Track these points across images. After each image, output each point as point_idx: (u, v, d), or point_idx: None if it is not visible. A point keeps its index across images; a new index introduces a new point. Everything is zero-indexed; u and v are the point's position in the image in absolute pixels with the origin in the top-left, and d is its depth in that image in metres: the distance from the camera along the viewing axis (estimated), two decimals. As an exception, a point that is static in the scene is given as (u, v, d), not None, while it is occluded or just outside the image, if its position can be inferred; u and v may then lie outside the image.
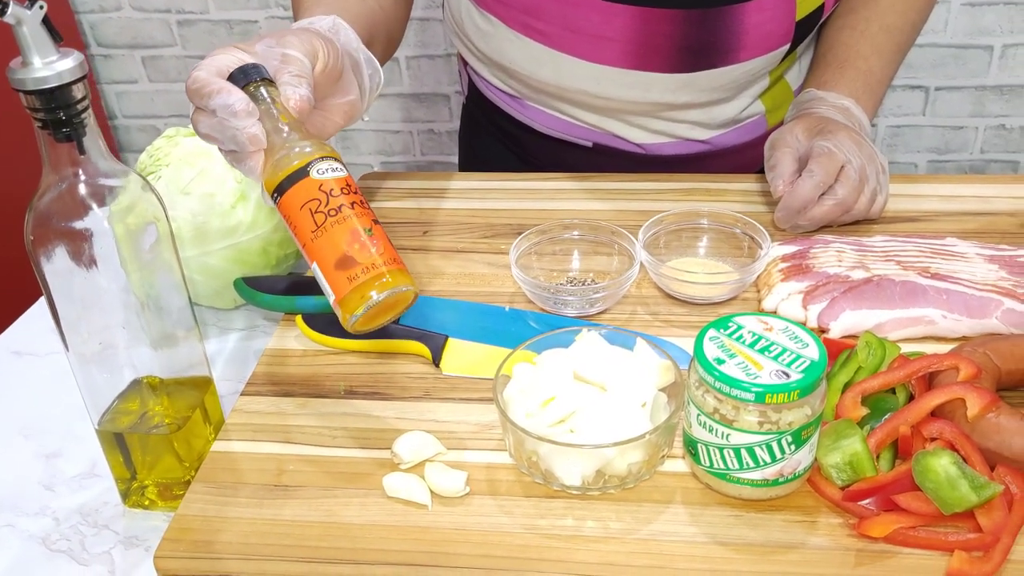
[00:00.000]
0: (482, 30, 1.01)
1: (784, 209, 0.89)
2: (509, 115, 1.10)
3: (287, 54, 0.67)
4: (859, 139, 0.91)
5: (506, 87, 1.07)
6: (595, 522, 0.62)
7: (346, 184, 0.63)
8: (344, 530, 0.63)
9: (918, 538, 0.59)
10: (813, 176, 0.87)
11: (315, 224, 0.61)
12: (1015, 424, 0.62)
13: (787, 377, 0.58)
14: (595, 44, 0.94)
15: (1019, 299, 0.76)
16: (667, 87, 0.96)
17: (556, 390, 0.64)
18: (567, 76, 0.97)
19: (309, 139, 0.64)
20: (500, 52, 1.01)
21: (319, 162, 0.62)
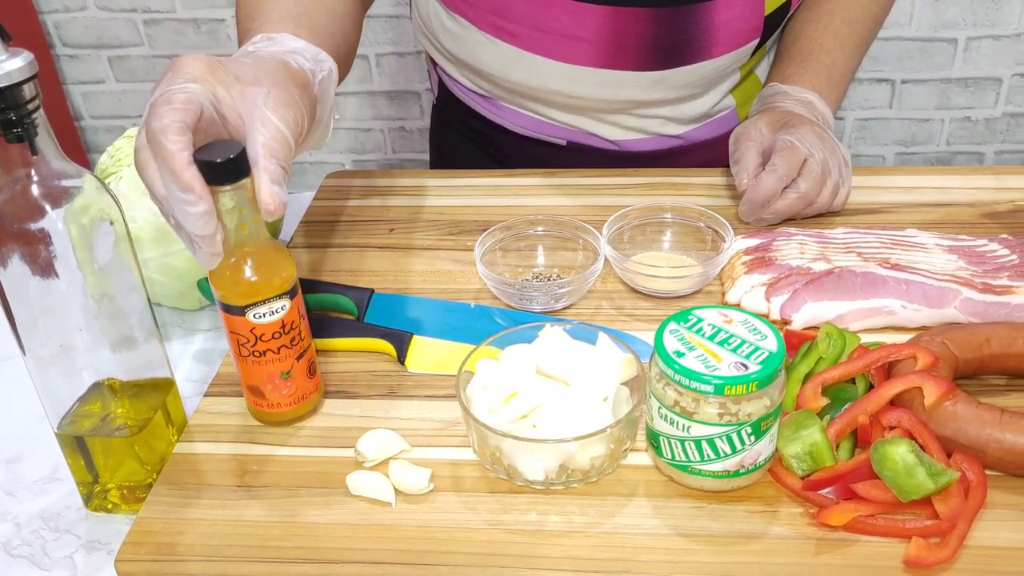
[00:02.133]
0: (451, 32, 1.00)
1: (748, 203, 0.89)
2: (481, 115, 1.09)
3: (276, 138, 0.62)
4: (822, 132, 0.91)
5: (477, 88, 1.07)
6: (559, 516, 0.62)
7: (281, 326, 0.66)
8: (307, 530, 0.62)
9: (876, 526, 0.59)
10: (776, 170, 0.87)
11: (239, 353, 0.68)
12: (971, 411, 0.63)
13: (746, 369, 0.58)
14: (567, 44, 0.94)
15: (977, 288, 0.77)
16: (639, 85, 0.97)
17: (518, 386, 0.64)
18: (539, 77, 0.97)
19: (263, 262, 0.65)
20: (470, 54, 1.00)
21: (259, 306, 0.65)
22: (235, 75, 0.64)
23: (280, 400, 0.70)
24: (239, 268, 0.65)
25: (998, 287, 0.77)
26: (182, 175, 0.58)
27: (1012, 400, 0.70)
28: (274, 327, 0.66)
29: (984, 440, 0.62)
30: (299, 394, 0.70)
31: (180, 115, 0.58)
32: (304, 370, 0.70)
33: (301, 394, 0.70)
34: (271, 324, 0.66)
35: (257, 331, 0.66)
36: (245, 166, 0.62)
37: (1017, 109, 2.00)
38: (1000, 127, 2.03)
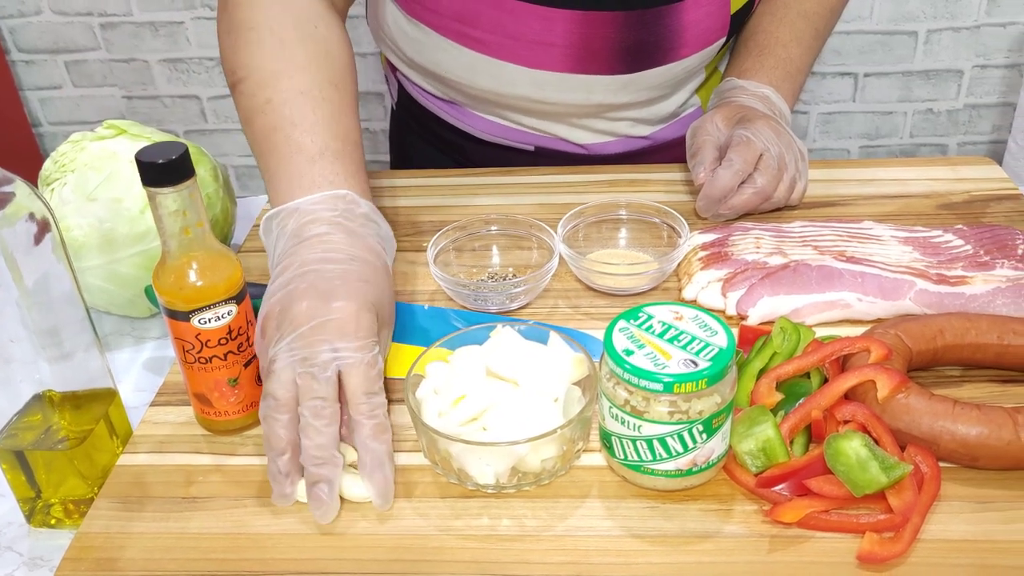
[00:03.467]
0: (412, 37, 0.97)
1: (705, 198, 0.89)
2: (445, 121, 1.07)
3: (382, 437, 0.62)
4: (777, 127, 0.91)
5: (441, 93, 1.04)
6: (511, 520, 0.61)
7: (227, 332, 0.65)
8: (253, 540, 0.61)
9: (830, 521, 0.59)
10: (732, 165, 0.87)
11: (184, 360, 0.66)
12: (924, 403, 0.62)
13: (695, 366, 0.58)
14: (535, 50, 0.92)
15: (931, 279, 0.77)
16: (609, 88, 0.96)
17: (467, 388, 0.63)
18: (507, 83, 0.96)
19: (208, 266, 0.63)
20: (433, 60, 0.98)
21: (205, 311, 0.64)
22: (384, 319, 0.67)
23: (228, 408, 0.68)
24: (183, 272, 0.63)
25: (952, 278, 0.77)
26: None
27: (966, 391, 0.70)
28: (220, 333, 0.65)
29: (937, 432, 0.61)
30: (248, 401, 0.69)
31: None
32: (252, 377, 0.68)
33: (250, 401, 0.69)
34: (217, 330, 0.65)
35: (202, 337, 0.65)
36: (188, 168, 0.61)
37: (978, 100, 2.01)
38: (962, 119, 2.04)
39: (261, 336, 0.66)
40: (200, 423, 0.70)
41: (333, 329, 0.63)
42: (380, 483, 0.61)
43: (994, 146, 2.06)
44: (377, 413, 0.62)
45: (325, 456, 0.60)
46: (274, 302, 0.66)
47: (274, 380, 0.62)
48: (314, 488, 0.60)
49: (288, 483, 0.61)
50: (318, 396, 0.61)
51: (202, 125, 2.15)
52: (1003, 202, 0.92)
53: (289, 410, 0.61)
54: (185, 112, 2.14)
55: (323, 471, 0.60)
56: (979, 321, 0.70)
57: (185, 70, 2.07)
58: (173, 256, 0.63)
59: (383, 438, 0.61)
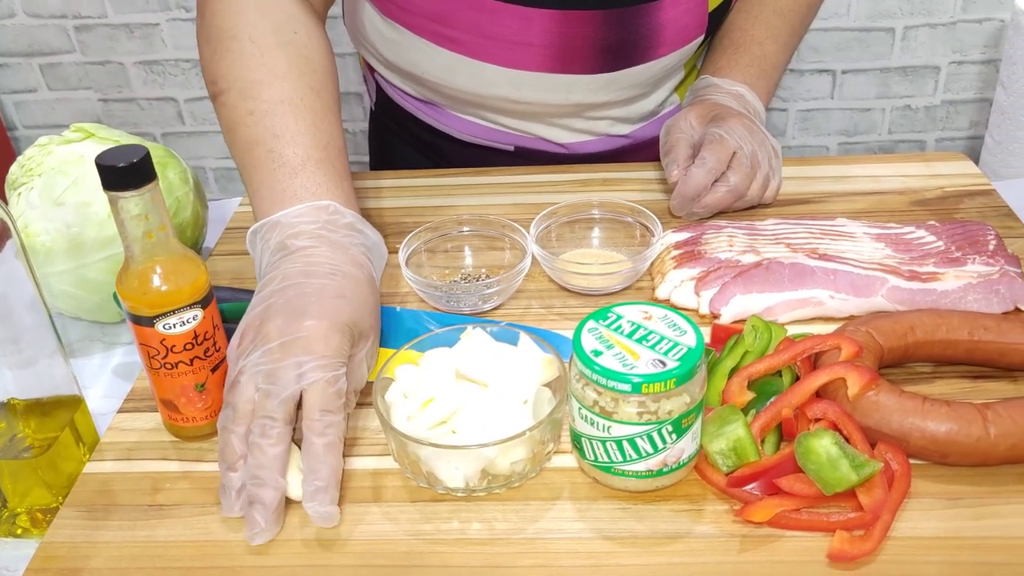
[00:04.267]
0: (388, 38, 0.97)
1: (678, 197, 0.88)
2: (423, 122, 1.07)
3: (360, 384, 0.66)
4: (751, 125, 0.91)
5: (419, 94, 1.04)
6: (480, 524, 0.61)
7: (193, 337, 0.64)
8: (221, 548, 0.60)
9: (800, 520, 0.59)
10: (705, 164, 0.86)
11: (150, 366, 0.65)
12: (894, 401, 0.62)
13: (664, 366, 0.57)
14: (514, 50, 0.91)
15: (903, 276, 0.77)
16: (588, 88, 0.95)
17: (436, 391, 0.63)
18: (485, 84, 0.95)
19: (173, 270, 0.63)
20: (410, 61, 0.97)
21: (169, 316, 0.63)
22: (360, 332, 0.66)
23: (195, 414, 0.67)
24: (147, 277, 0.63)
25: (924, 274, 0.77)
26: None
27: (938, 387, 0.70)
28: (186, 338, 0.64)
29: (907, 429, 0.61)
30: (215, 407, 0.68)
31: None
32: (220, 382, 0.67)
33: (218, 407, 0.68)
34: (182, 335, 0.64)
35: (168, 342, 0.64)
36: (150, 171, 0.60)
37: (955, 97, 2.02)
38: (940, 115, 2.05)
39: (236, 346, 0.65)
40: (168, 429, 0.69)
41: (300, 347, 0.62)
42: (320, 504, 0.59)
43: (972, 142, 2.07)
44: (328, 432, 0.60)
45: (265, 477, 0.58)
46: (254, 316, 0.66)
47: (236, 392, 0.62)
48: (250, 509, 0.59)
49: (236, 499, 0.60)
50: (269, 415, 0.60)
51: (179, 128, 2.14)
52: (976, 198, 0.92)
53: (246, 423, 0.61)
54: (162, 114, 2.12)
55: (261, 492, 0.58)
56: (950, 317, 0.70)
57: (161, 72, 2.06)
58: (136, 261, 0.62)
59: (327, 459, 0.59)
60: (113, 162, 0.58)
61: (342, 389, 0.62)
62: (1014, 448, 0.60)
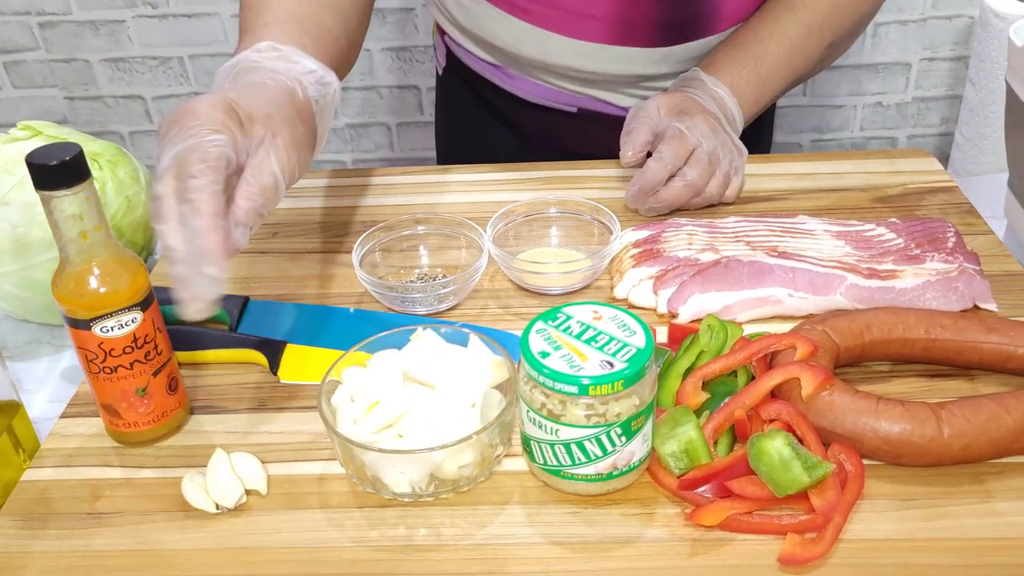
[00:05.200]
0: (464, 5, 1.00)
1: (633, 190, 0.88)
2: (493, 83, 1.08)
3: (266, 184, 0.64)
4: (715, 124, 0.89)
5: (489, 57, 1.06)
6: (428, 530, 0.59)
7: (133, 340, 0.63)
8: (160, 557, 0.59)
9: (752, 523, 0.58)
10: (662, 158, 0.85)
11: (89, 370, 0.64)
12: (847, 401, 0.61)
13: (612, 367, 0.56)
14: (578, 22, 0.94)
15: (862, 274, 0.76)
16: (648, 60, 0.97)
17: (382, 394, 0.61)
18: (551, 52, 0.97)
19: (110, 272, 0.61)
20: (482, 28, 1.00)
21: (107, 319, 0.61)
22: (248, 114, 0.65)
23: (137, 419, 0.66)
24: (83, 279, 0.61)
25: (883, 272, 0.77)
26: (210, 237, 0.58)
27: (894, 386, 0.69)
28: (125, 341, 0.62)
29: (860, 429, 0.60)
30: (158, 412, 0.66)
31: (214, 174, 0.60)
32: (163, 386, 0.66)
33: (161, 411, 0.66)
34: (121, 338, 0.62)
35: (106, 346, 0.62)
36: (83, 169, 0.58)
37: (927, 93, 2.02)
38: (911, 111, 2.05)
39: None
40: (110, 435, 0.67)
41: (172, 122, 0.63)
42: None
43: (943, 138, 2.07)
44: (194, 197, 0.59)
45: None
46: None
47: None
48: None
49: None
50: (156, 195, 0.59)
51: (147, 126, 2.11)
52: (937, 194, 0.92)
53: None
54: (129, 113, 2.09)
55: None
56: (906, 316, 0.69)
57: (128, 70, 2.03)
58: (72, 262, 0.60)
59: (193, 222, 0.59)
60: (44, 160, 0.57)
61: (207, 155, 0.60)
62: (968, 448, 0.59)
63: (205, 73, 2.02)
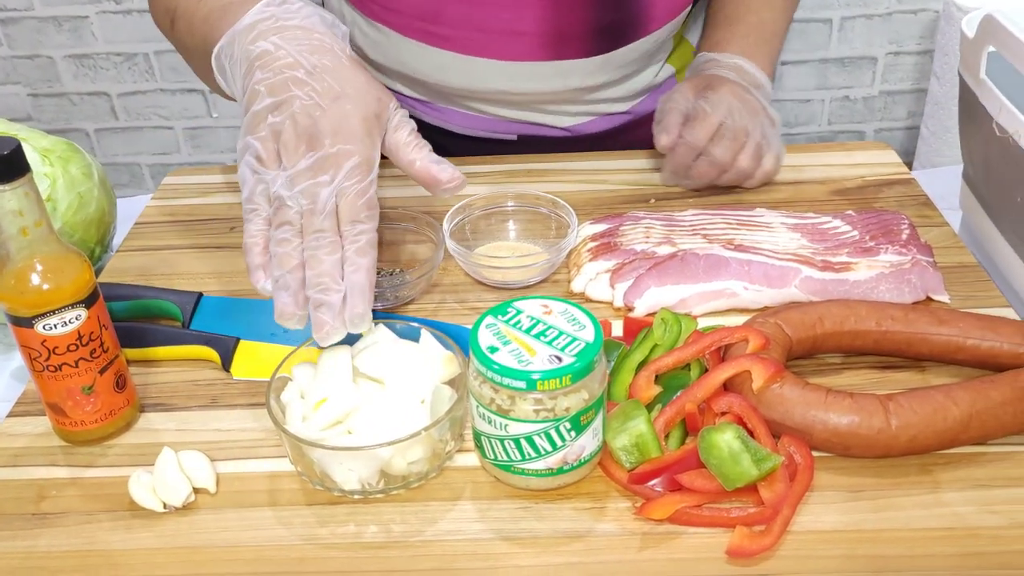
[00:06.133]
0: (373, 39, 0.95)
1: (665, 174, 0.91)
2: (423, 121, 1.04)
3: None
4: (743, 94, 0.89)
5: (412, 93, 1.01)
6: (377, 527, 0.59)
7: (77, 338, 0.62)
8: (105, 558, 0.58)
9: (701, 517, 0.58)
10: (687, 139, 0.86)
11: (33, 368, 0.63)
12: (797, 393, 0.61)
13: (560, 362, 0.56)
14: (507, 41, 0.90)
15: (817, 266, 0.76)
16: (584, 72, 0.94)
17: (329, 390, 0.61)
18: (479, 79, 0.93)
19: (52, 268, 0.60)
20: (399, 62, 0.95)
21: (49, 316, 0.60)
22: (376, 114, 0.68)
23: (84, 417, 0.65)
24: (25, 276, 0.60)
25: (837, 264, 0.77)
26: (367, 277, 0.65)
27: (846, 378, 0.69)
28: (69, 339, 0.62)
29: (810, 421, 0.60)
30: (106, 410, 0.65)
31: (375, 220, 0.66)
32: (110, 384, 0.65)
33: (108, 410, 0.65)
34: (65, 336, 0.61)
35: (49, 344, 0.61)
36: (22, 164, 0.57)
37: (893, 87, 2.04)
38: (878, 105, 2.06)
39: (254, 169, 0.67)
40: (57, 434, 0.66)
41: (330, 164, 0.65)
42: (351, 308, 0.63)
43: (909, 132, 2.09)
44: (359, 239, 0.64)
45: (327, 283, 0.63)
46: (261, 139, 0.67)
47: (282, 213, 0.65)
48: (317, 312, 0.62)
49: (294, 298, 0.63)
50: (319, 229, 0.64)
51: (113, 123, 2.09)
52: (895, 187, 0.92)
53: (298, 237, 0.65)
54: (94, 109, 2.07)
55: (326, 296, 0.62)
56: (858, 308, 0.69)
57: (92, 66, 2.01)
58: (12, 259, 0.59)
59: (359, 262, 0.64)
60: None
61: (372, 200, 0.66)
62: (915, 439, 0.59)
63: (171, 69, 2.00)
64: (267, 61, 0.68)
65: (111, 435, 0.67)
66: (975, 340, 0.66)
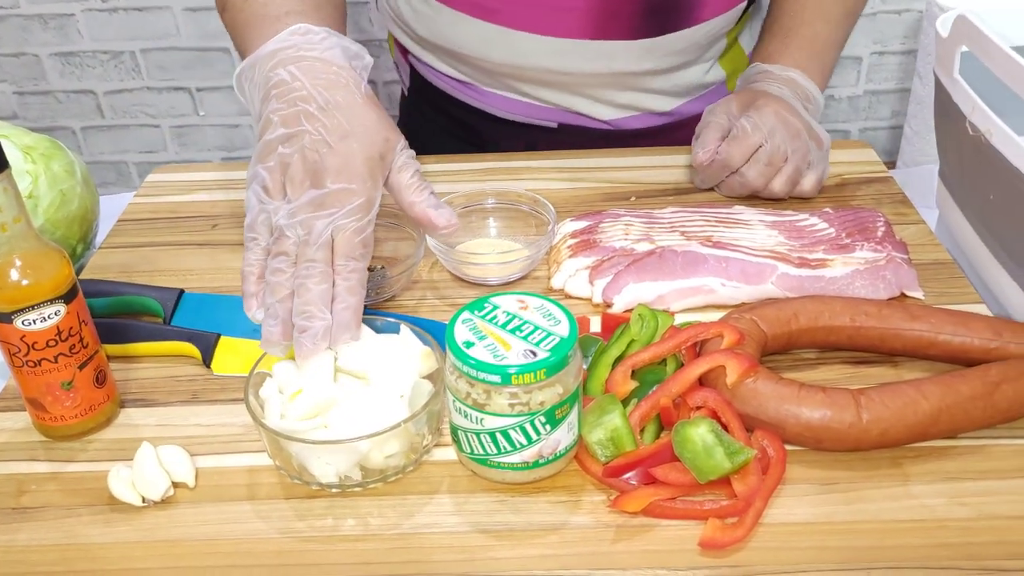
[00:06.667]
0: (422, 14, 0.95)
1: (697, 181, 0.93)
2: (462, 103, 1.04)
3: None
4: (787, 116, 0.88)
5: (456, 73, 1.01)
6: (355, 520, 0.59)
7: (56, 333, 0.62)
8: (84, 551, 0.58)
9: (675, 509, 0.58)
10: (722, 156, 0.87)
11: (13, 364, 0.63)
12: (770, 388, 0.62)
13: (535, 356, 0.56)
14: (553, 16, 0.90)
15: (793, 263, 0.77)
16: (630, 55, 0.94)
17: (305, 383, 0.61)
18: (525, 55, 0.93)
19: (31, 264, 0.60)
20: (445, 37, 0.95)
21: (28, 312, 0.61)
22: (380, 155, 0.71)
23: (64, 412, 0.65)
24: (3, 272, 0.60)
25: (814, 261, 0.78)
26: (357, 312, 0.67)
27: (821, 373, 0.70)
28: (48, 334, 0.62)
29: (783, 416, 0.61)
30: (85, 405, 0.66)
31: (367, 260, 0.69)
32: (90, 379, 0.65)
33: (88, 405, 0.66)
34: (44, 331, 0.62)
35: (28, 339, 0.61)
36: (1, 159, 0.57)
37: (877, 87, 2.05)
38: (863, 104, 2.07)
39: (259, 199, 0.70)
40: (37, 429, 0.67)
41: (332, 201, 0.68)
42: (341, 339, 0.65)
43: (893, 131, 2.10)
44: (351, 277, 0.66)
45: (313, 311, 0.64)
46: (269, 169, 0.69)
47: (281, 243, 0.67)
48: (300, 337, 0.64)
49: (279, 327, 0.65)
50: (310, 259, 0.66)
51: (99, 121, 2.08)
52: (873, 184, 0.93)
53: (292, 267, 0.67)
54: (80, 108, 2.07)
55: (310, 323, 0.64)
56: (832, 304, 0.70)
57: (79, 64, 2.00)
58: None
59: (347, 299, 0.66)
60: None
61: (367, 239, 0.68)
62: (886, 433, 0.60)
63: (157, 67, 2.00)
64: (283, 91, 0.71)
65: (91, 430, 0.67)
66: (947, 336, 0.67)
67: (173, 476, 0.62)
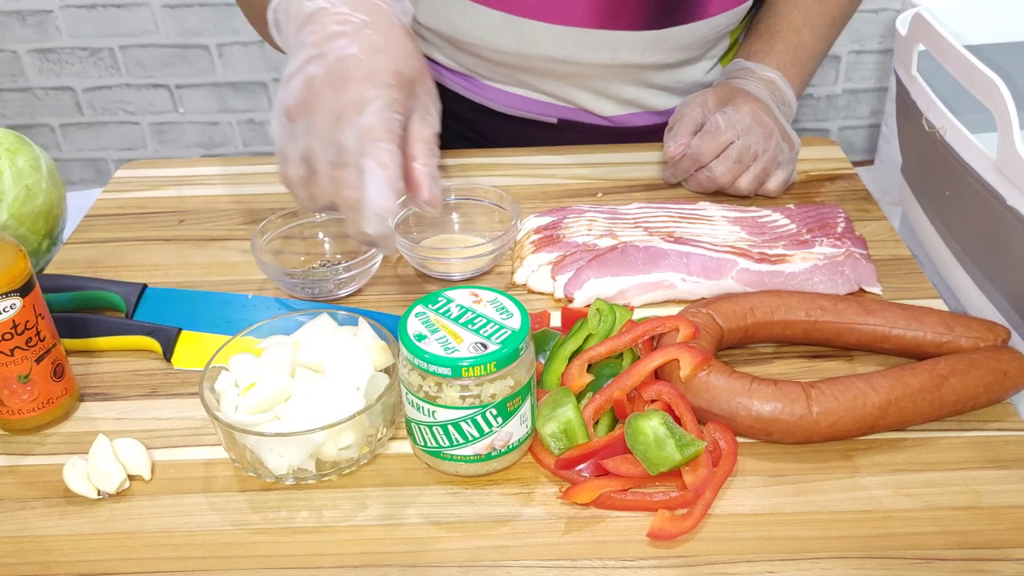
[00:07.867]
0: (427, 1, 0.94)
1: (666, 175, 0.93)
2: (463, 97, 1.03)
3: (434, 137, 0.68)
4: (761, 115, 0.88)
5: (458, 65, 1.01)
6: (309, 512, 0.60)
7: (12, 327, 0.62)
8: (37, 543, 0.58)
9: (625, 501, 0.59)
10: (692, 149, 0.87)
11: None
12: (723, 381, 0.63)
13: (485, 349, 0.57)
14: (560, 5, 0.90)
15: (753, 258, 0.78)
16: (636, 46, 0.93)
17: (258, 376, 0.62)
18: (530, 43, 0.93)
19: None
20: (450, 24, 0.94)
21: None
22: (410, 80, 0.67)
23: (21, 406, 0.65)
24: None
25: (773, 256, 0.78)
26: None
27: (777, 367, 0.70)
28: (3, 327, 0.62)
29: (734, 408, 0.62)
30: (43, 399, 0.66)
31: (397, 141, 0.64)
32: (47, 373, 0.65)
33: (46, 399, 0.66)
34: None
35: None
36: None
37: (856, 86, 2.06)
38: (841, 103, 2.09)
39: (284, 126, 0.66)
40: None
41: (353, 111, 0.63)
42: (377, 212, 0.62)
43: (872, 129, 2.11)
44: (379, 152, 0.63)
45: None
46: (295, 90, 0.65)
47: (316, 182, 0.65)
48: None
49: None
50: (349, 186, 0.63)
51: (78, 118, 2.08)
52: (837, 181, 0.94)
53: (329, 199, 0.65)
54: (59, 104, 2.06)
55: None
56: (789, 298, 0.70)
57: (57, 61, 2.00)
58: None
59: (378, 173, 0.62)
60: None
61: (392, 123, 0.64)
62: (835, 425, 0.61)
63: (136, 64, 1.99)
64: (320, 17, 0.67)
65: (49, 424, 0.67)
66: (900, 330, 0.68)
67: (129, 469, 0.62)
